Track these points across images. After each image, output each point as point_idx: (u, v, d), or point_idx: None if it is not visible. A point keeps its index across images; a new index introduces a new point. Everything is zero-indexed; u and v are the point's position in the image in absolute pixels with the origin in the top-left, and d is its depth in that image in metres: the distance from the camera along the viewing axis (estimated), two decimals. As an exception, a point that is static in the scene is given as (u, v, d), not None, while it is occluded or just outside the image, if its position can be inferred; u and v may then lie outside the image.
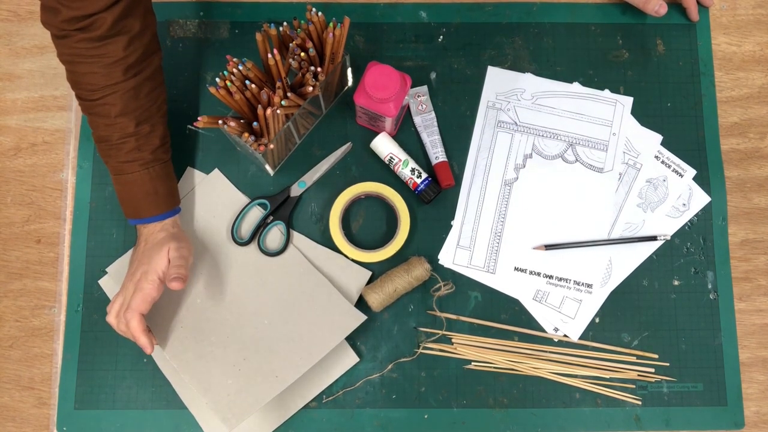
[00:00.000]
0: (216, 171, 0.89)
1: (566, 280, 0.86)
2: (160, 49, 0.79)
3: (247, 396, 0.80)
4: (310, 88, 0.77)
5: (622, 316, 0.86)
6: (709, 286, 0.87)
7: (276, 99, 0.75)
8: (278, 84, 0.76)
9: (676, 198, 0.89)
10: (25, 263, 0.88)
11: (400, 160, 0.86)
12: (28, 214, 0.89)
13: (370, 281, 0.86)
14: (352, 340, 0.84)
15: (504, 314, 0.86)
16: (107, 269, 0.86)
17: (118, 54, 0.73)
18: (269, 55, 0.75)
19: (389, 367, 0.84)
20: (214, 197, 0.88)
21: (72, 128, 0.91)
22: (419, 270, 0.83)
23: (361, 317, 0.84)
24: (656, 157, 0.90)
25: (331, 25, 0.77)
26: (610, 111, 0.91)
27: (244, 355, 0.82)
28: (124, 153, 0.77)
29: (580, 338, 0.85)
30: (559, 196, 0.89)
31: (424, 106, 0.90)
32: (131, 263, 0.80)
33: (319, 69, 0.77)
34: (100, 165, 0.88)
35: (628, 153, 0.90)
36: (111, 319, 0.78)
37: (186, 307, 0.84)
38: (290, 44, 0.77)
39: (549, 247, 0.87)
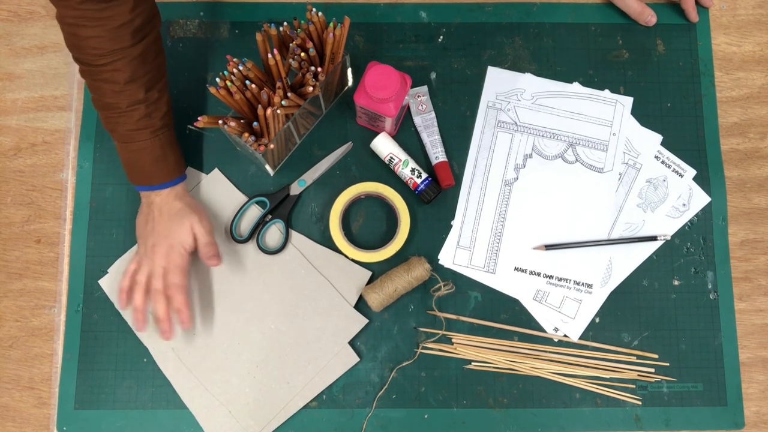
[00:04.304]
0: (216, 171, 0.89)
1: (566, 280, 0.86)
2: (159, 13, 0.78)
3: (264, 404, 0.82)
4: (310, 88, 0.77)
5: (622, 316, 0.86)
6: (709, 286, 0.87)
7: (276, 99, 0.75)
8: (278, 84, 0.76)
9: (676, 198, 0.89)
10: (25, 263, 0.88)
11: (400, 160, 0.86)
12: (28, 214, 0.89)
13: (370, 281, 0.86)
14: (352, 340, 0.84)
15: (504, 314, 0.86)
16: (108, 269, 0.86)
17: (124, 16, 0.70)
18: (269, 55, 0.75)
19: (392, 375, 0.84)
20: (214, 197, 0.88)
21: (72, 128, 0.91)
22: (419, 270, 0.83)
23: (362, 321, 0.84)
24: (656, 157, 0.90)
25: (331, 25, 0.77)
26: (610, 111, 0.91)
27: (255, 362, 0.83)
28: (134, 121, 0.75)
29: (580, 338, 0.85)
30: (559, 196, 0.89)
31: (424, 106, 0.90)
32: (144, 231, 0.80)
33: (319, 69, 0.77)
34: (100, 165, 0.88)
35: (628, 153, 0.90)
36: (141, 277, 0.79)
37: (193, 310, 0.84)
38: (290, 44, 0.77)
39: (549, 247, 0.87)
